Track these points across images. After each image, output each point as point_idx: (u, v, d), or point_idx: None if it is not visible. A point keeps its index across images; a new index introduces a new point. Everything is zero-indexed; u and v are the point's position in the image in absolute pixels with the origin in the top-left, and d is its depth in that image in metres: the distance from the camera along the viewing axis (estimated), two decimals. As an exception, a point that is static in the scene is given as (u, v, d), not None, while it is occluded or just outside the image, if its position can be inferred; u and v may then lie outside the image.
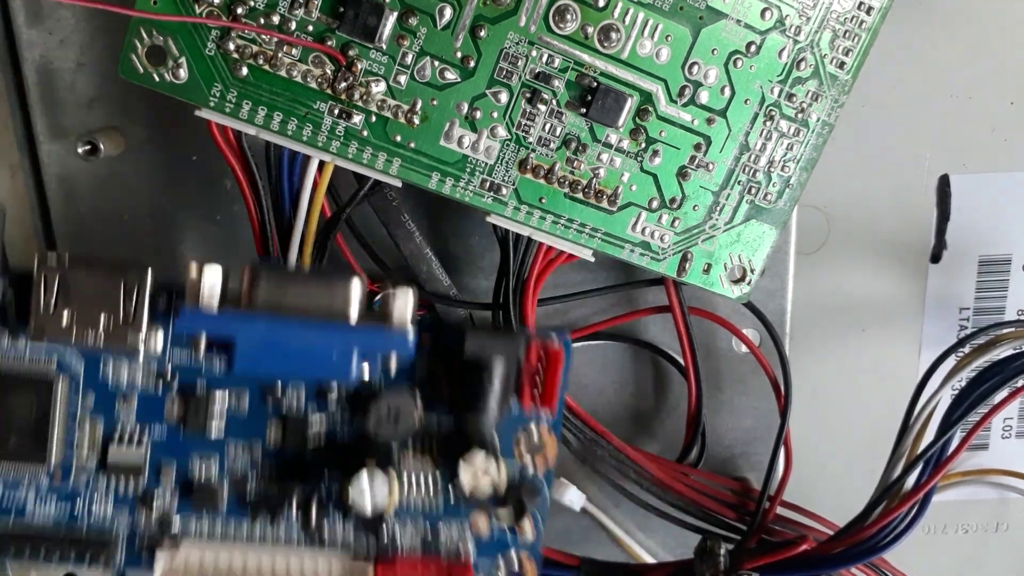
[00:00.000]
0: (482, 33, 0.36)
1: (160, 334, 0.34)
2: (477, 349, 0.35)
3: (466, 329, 0.35)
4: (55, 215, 0.44)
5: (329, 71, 0.36)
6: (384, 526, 0.36)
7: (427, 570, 0.36)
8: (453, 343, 0.35)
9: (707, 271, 0.41)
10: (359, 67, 0.36)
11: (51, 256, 0.33)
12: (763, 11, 0.37)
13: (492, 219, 0.39)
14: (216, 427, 0.35)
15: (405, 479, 0.36)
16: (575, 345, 0.47)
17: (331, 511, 0.36)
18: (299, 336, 0.33)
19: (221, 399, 0.35)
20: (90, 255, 0.33)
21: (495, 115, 0.38)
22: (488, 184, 0.38)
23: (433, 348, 0.36)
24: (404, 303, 0.34)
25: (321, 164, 0.38)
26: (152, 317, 0.33)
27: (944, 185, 0.49)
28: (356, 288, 0.33)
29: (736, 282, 0.41)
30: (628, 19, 0.37)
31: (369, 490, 0.34)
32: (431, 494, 0.36)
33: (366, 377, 0.35)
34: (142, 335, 0.33)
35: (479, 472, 0.35)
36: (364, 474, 0.34)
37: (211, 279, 0.32)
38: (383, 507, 0.34)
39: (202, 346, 0.35)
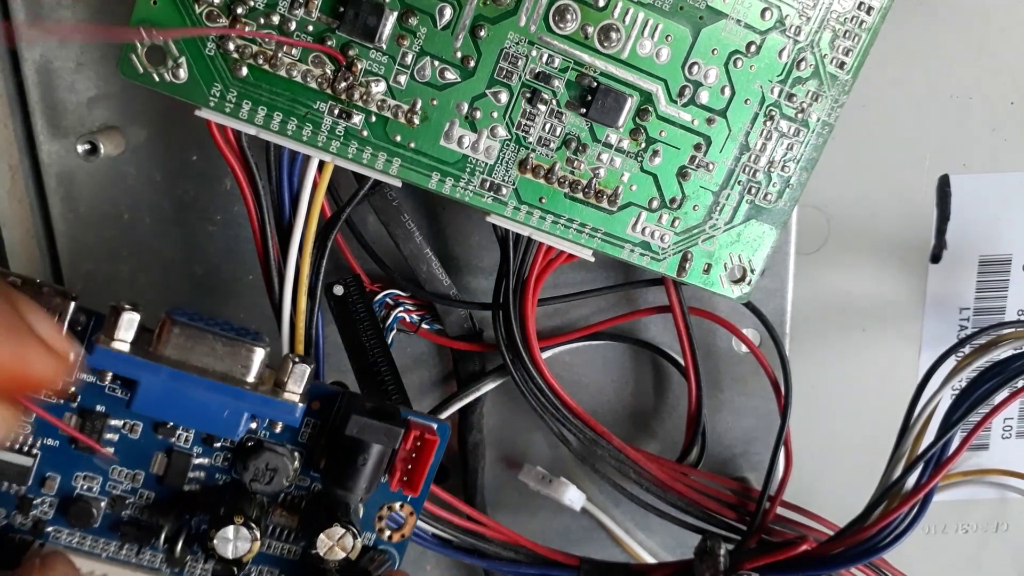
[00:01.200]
0: (482, 33, 0.36)
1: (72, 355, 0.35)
2: (358, 432, 0.36)
3: (353, 410, 0.37)
4: (55, 215, 0.44)
5: (329, 71, 0.36)
6: (240, 572, 0.38)
7: None
8: (340, 416, 0.37)
9: (707, 271, 0.41)
10: (359, 67, 0.36)
11: None
12: (763, 11, 0.37)
13: (492, 219, 0.39)
14: (106, 449, 0.37)
15: (268, 531, 0.39)
16: (574, 346, 0.47)
17: (196, 549, 0.38)
18: (196, 392, 0.35)
19: (116, 424, 0.37)
20: (24, 276, 0.34)
21: (495, 115, 0.38)
22: (488, 184, 0.38)
23: (320, 414, 0.38)
24: (300, 378, 0.36)
25: (321, 164, 0.38)
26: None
27: (944, 185, 0.49)
28: (258, 357, 0.36)
29: (736, 282, 0.41)
30: (628, 19, 0.37)
31: (233, 541, 0.36)
32: (290, 549, 0.39)
33: (252, 426, 0.37)
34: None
35: (335, 544, 0.37)
36: (231, 528, 0.36)
37: (127, 323, 0.34)
38: (242, 556, 0.36)
39: (108, 378, 0.36)
